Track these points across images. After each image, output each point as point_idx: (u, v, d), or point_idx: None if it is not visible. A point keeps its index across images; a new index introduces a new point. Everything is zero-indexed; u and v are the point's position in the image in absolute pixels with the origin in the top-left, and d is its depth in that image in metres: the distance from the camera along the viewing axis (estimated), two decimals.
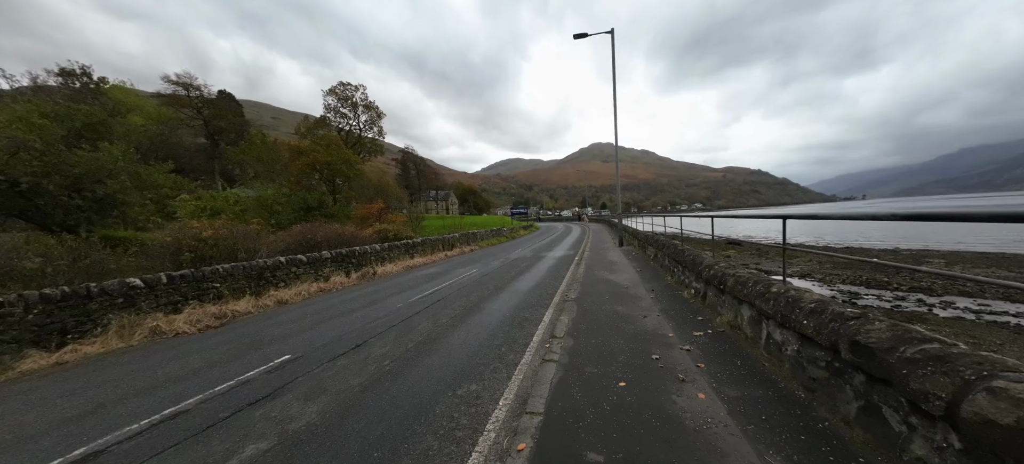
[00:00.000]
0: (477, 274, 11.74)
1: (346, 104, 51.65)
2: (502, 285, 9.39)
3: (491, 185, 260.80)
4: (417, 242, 17.51)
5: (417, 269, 14.14)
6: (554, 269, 11.62)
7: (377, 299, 8.92)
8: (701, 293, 5.79)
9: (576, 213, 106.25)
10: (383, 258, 14.71)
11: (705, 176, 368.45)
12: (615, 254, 13.39)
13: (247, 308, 8.65)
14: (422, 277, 11.96)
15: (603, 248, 16.12)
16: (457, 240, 21.26)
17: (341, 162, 35.09)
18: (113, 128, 21.09)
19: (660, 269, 9.17)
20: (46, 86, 27.53)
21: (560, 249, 18.30)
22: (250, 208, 22.69)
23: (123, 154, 18.20)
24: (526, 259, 14.69)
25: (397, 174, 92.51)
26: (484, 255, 17.68)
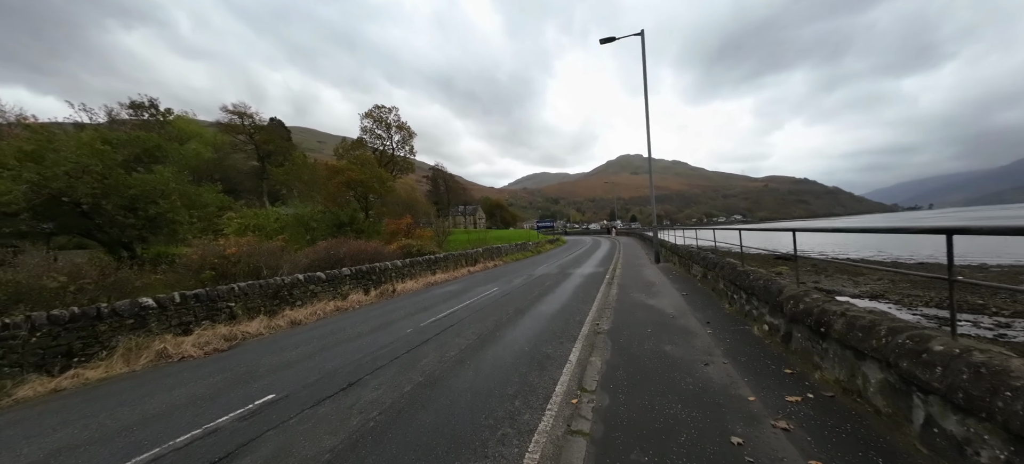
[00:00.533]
0: (498, 293, 10.75)
1: (380, 125, 53.66)
2: (523, 308, 8.32)
3: (517, 199, 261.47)
4: (439, 258, 16.90)
5: (437, 286, 13.40)
6: (582, 289, 10.38)
7: (389, 321, 8.17)
8: (780, 332, 4.41)
9: (605, 226, 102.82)
10: (404, 275, 14.15)
11: (744, 186, 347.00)
12: (652, 272, 11.90)
13: (258, 329, 8.20)
14: (440, 296, 11.15)
15: (637, 265, 14.59)
16: (480, 255, 20.48)
17: (373, 179, 36.01)
18: (168, 152, 22.69)
19: (713, 294, 7.70)
20: (120, 119, 30.53)
21: (588, 265, 16.92)
22: (289, 225, 23.30)
23: (173, 176, 19.34)
24: (551, 277, 13.52)
25: (428, 190, 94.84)
26: (508, 271, 16.70)
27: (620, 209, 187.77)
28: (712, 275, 7.76)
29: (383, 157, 54.65)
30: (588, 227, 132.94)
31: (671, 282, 9.62)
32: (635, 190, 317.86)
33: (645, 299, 7.78)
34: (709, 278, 8.09)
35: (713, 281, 7.77)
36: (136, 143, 20.79)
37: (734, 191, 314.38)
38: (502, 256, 23.34)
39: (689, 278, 9.90)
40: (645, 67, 14.99)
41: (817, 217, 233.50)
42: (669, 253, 14.44)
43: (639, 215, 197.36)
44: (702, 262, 8.58)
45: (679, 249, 11.90)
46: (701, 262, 8.70)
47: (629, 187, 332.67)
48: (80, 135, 18.61)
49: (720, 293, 7.17)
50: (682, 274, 10.76)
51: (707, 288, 8.17)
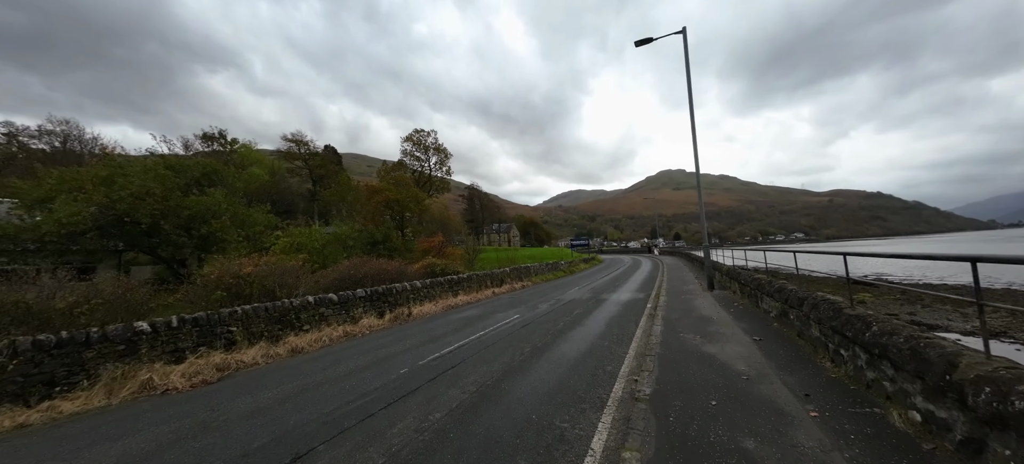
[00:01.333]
0: (517, 322, 9.30)
1: (419, 148, 55.52)
2: (542, 346, 6.79)
3: (553, 217, 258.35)
4: (462, 278, 15.83)
5: (456, 311, 12.23)
6: (617, 321, 8.59)
7: (389, 355, 7.06)
8: (954, 433, 2.54)
9: (645, 244, 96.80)
10: (424, 296, 13.20)
11: (805, 201, 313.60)
12: (706, 303, 9.76)
13: (255, 358, 7.49)
14: (455, 323, 9.93)
15: (685, 292, 12.36)
16: (507, 276, 19.15)
17: (408, 199, 36.65)
18: (224, 176, 24.45)
19: (799, 341, 5.63)
20: (193, 148, 34.07)
21: (626, 290, 14.87)
22: (329, 243, 23.77)
23: (224, 197, 20.54)
24: (581, 303, 11.78)
25: (464, 209, 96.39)
26: (535, 294, 15.15)
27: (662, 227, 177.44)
28: (797, 315, 5.73)
29: (421, 178, 56.28)
30: (627, 245, 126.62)
31: (734, 319, 7.55)
32: (678, 207, 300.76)
33: (701, 344, 5.91)
34: (791, 319, 6.03)
35: (798, 323, 5.72)
36: (195, 168, 22.56)
37: (793, 207, 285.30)
38: (531, 276, 21.82)
39: (758, 314, 7.74)
40: (688, 68, 13.19)
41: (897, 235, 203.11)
42: (726, 278, 12.08)
43: (683, 233, 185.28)
44: (780, 296, 6.51)
45: (741, 275, 9.67)
46: (778, 296, 6.62)
47: (671, 203, 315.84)
48: (145, 161, 20.58)
49: (812, 342, 5.15)
50: (746, 307, 8.56)
51: (789, 332, 6.09)
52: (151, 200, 17.19)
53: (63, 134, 34.26)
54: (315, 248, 22.56)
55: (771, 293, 6.91)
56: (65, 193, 16.50)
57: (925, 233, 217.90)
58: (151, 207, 17.22)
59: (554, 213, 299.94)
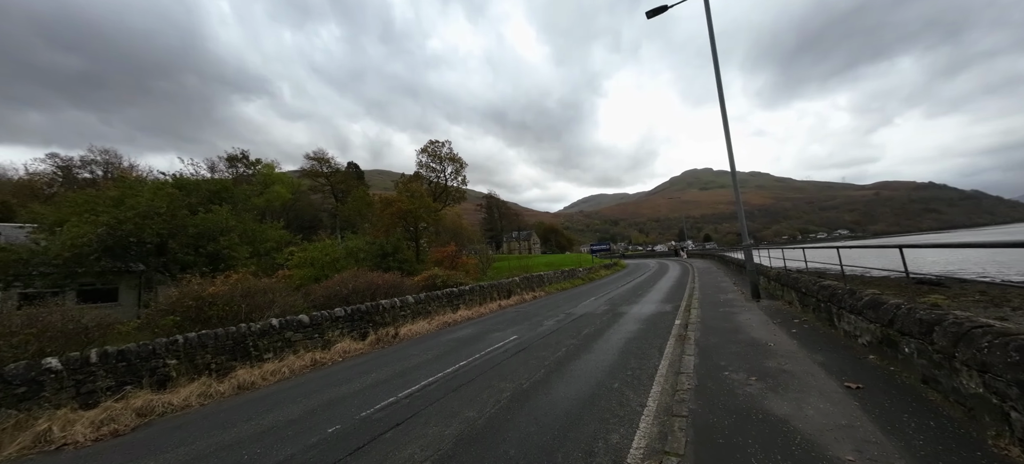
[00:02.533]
0: (512, 347, 7.50)
1: (435, 159, 55.27)
2: (529, 387, 4.96)
3: (574, 222, 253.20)
4: (465, 290, 14.21)
5: (449, 330, 10.59)
6: (635, 347, 6.58)
7: (337, 398, 5.52)
8: None
9: (673, 247, 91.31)
10: (417, 313, 11.69)
11: (847, 196, 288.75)
12: (754, 319, 7.52)
13: (188, 399, 6.16)
14: (441, 347, 8.28)
15: (724, 303, 10.05)
16: (516, 286, 17.34)
17: (421, 209, 35.88)
18: (236, 194, 24.47)
19: (928, 393, 3.50)
20: (220, 172, 35.06)
21: (649, 300, 12.65)
22: (341, 257, 23.03)
23: (228, 214, 20.26)
24: (594, 319, 9.78)
25: (483, 218, 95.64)
26: (544, 307, 13.25)
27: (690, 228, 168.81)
28: (919, 348, 3.57)
29: (437, 188, 55.89)
30: (653, 249, 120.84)
31: (800, 346, 5.36)
32: (707, 207, 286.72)
33: (761, 394, 3.86)
34: (907, 353, 3.85)
35: (922, 362, 3.57)
36: (206, 187, 22.61)
37: (834, 202, 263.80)
38: (544, 286, 19.87)
39: (835, 339, 5.49)
40: (713, 37, 11.08)
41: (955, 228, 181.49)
42: (777, 285, 9.66)
43: (713, 234, 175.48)
44: (877, 314, 4.31)
45: (800, 281, 7.33)
46: (873, 314, 4.42)
47: (699, 204, 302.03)
48: (155, 181, 20.80)
49: (963, 400, 3.02)
50: (814, 327, 6.27)
51: (904, 375, 3.91)
52: (157, 219, 16.99)
53: (105, 162, 36.52)
54: (326, 262, 21.83)
55: (858, 308, 4.72)
56: (77, 215, 16.58)
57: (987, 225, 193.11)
58: (157, 226, 17.00)
59: (575, 219, 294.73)
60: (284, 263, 25.07)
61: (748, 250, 10.04)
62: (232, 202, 23.74)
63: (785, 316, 7.20)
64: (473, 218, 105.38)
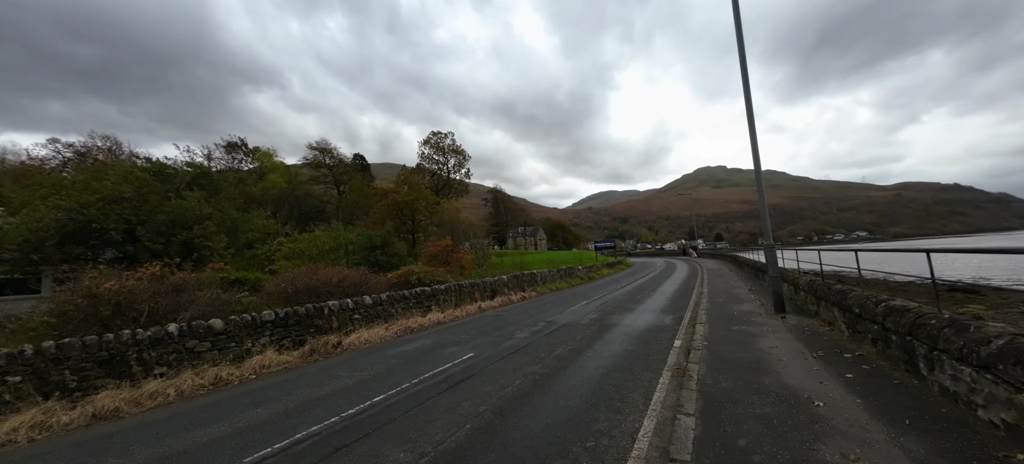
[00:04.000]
0: (457, 372, 5.69)
1: (437, 151, 53.70)
2: (445, 451, 3.13)
3: (583, 219, 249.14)
4: (440, 290, 12.46)
5: (406, 339, 8.86)
6: (616, 380, 4.67)
7: (190, 448, 3.79)
8: None
9: (682, 246, 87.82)
10: (374, 316, 9.99)
11: (867, 196, 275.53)
12: (782, 349, 5.49)
13: (13, 433, 4.58)
14: (379, 365, 6.54)
15: (739, 318, 8.00)
16: (504, 285, 15.51)
17: (418, 201, 34.32)
18: (216, 180, 23.20)
19: None
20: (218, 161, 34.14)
21: (647, 309, 10.65)
22: (329, 249, 21.59)
23: (201, 200, 18.96)
24: (575, 331, 7.86)
25: (489, 213, 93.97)
26: (526, 312, 11.40)
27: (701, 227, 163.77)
28: None
29: (439, 181, 54.36)
30: (662, 247, 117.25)
31: (869, 411, 3.35)
32: (719, 206, 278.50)
33: None
34: None
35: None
36: (181, 174, 21.34)
37: (853, 203, 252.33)
38: (535, 285, 17.98)
39: (924, 397, 3.48)
40: (739, 20, 8.89)
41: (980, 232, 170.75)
42: (807, 297, 7.54)
43: (725, 233, 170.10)
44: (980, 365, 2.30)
45: (851, 298, 5.21)
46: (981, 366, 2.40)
47: (711, 203, 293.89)
48: (123, 164, 19.68)
49: None
50: (876, 366, 4.21)
51: None
52: (123, 205, 15.77)
53: (106, 149, 36.08)
54: (314, 254, 20.41)
55: (983, 359, 2.69)
56: (42, 199, 15.47)
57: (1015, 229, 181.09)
58: (122, 212, 15.80)
59: (584, 215, 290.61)
60: (271, 255, 23.90)
61: (771, 252, 7.93)
62: (213, 189, 22.54)
63: (828, 346, 5.14)
64: (478, 213, 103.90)
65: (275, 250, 22.66)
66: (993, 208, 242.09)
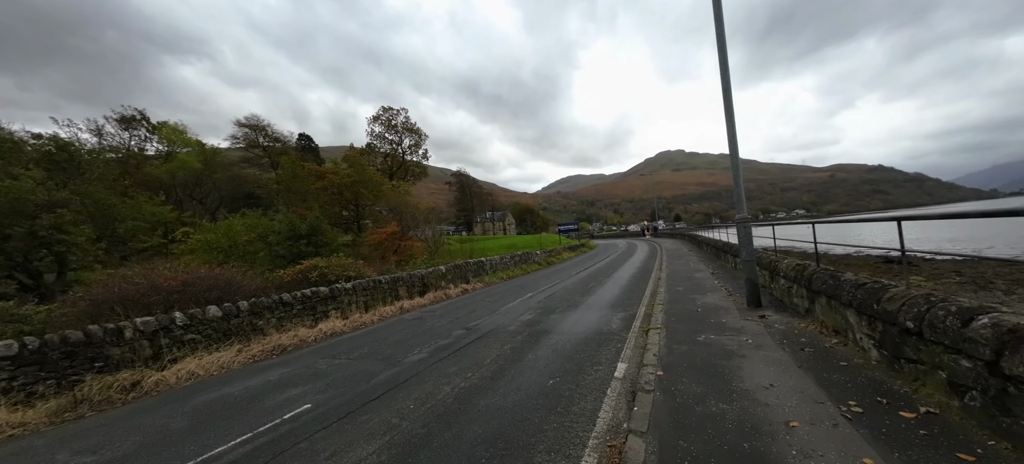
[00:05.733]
0: (266, 438, 3.10)
1: (390, 129, 48.97)
2: None
3: (552, 203, 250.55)
4: (343, 290, 9.66)
5: (261, 366, 6.14)
6: (547, 404, 2.40)
7: None
8: None
9: (643, 227, 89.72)
10: (230, 333, 7.11)
11: (806, 178, 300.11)
12: (781, 383, 3.47)
13: None
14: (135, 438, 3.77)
15: (704, 314, 6.08)
16: (441, 277, 12.97)
17: (360, 185, 30.42)
18: (82, 161, 18.27)
19: None
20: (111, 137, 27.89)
21: (595, 305, 8.62)
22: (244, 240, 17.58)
23: (42, 182, 14.41)
24: (498, 343, 5.55)
25: (455, 197, 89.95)
26: (457, 310, 8.98)
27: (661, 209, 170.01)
28: None
29: (394, 162, 49.89)
30: (627, 229, 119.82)
31: None
32: (678, 188, 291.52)
33: None
34: None
35: None
36: (24, 152, 16.35)
37: (794, 184, 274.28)
38: (482, 275, 15.63)
39: None
40: None
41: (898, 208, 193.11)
42: (797, 289, 5.70)
43: (683, 214, 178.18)
44: None
45: (884, 298, 3.24)
46: None
47: (671, 185, 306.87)
48: None
49: None
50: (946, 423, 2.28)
51: None
52: None
53: None
54: (226, 247, 16.52)
55: None
56: None
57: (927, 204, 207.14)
58: None
59: (553, 200, 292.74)
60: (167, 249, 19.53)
61: (745, 228, 6.00)
62: (75, 169, 17.65)
63: (859, 385, 3.10)
64: (443, 198, 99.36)
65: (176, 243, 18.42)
66: (910, 187, 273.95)
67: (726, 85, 6.19)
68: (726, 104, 6.21)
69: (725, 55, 6.20)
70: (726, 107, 6.20)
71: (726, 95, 6.22)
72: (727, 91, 6.22)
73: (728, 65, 6.21)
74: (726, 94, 6.22)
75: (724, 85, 6.23)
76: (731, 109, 6.17)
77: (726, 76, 6.20)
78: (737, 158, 6.17)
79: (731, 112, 6.17)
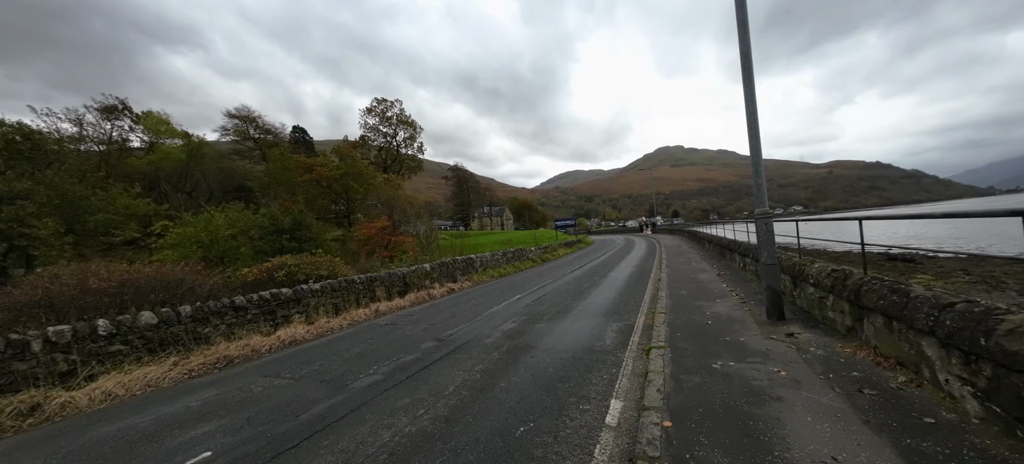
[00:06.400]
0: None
1: (384, 121, 47.68)
2: None
3: (550, 199, 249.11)
4: (309, 291, 8.65)
5: (184, 389, 5.15)
6: None
7: None
8: None
9: (642, 222, 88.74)
10: (167, 342, 6.12)
11: (804, 174, 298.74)
12: (803, 388, 2.55)
13: None
14: None
15: (716, 328, 5.12)
16: (425, 276, 11.96)
17: (349, 177, 29.28)
18: (49, 146, 17.11)
19: None
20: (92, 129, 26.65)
21: (590, 308, 7.65)
22: (225, 235, 16.58)
23: None
24: (470, 362, 4.57)
25: (453, 192, 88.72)
26: (436, 314, 8.00)
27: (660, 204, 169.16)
28: None
29: (388, 155, 48.66)
30: (625, 225, 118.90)
31: None
32: (676, 184, 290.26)
33: None
34: None
35: None
36: None
37: (792, 180, 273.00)
38: (471, 273, 14.64)
39: None
40: None
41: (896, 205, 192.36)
42: (826, 300, 4.72)
43: (681, 210, 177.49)
44: None
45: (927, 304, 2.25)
46: None
47: (671, 180, 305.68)
48: None
49: None
50: None
51: None
52: None
53: None
54: (206, 241, 15.52)
55: None
56: None
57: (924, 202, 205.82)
58: None
59: (551, 195, 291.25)
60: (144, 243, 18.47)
61: (765, 225, 4.99)
62: (42, 160, 16.53)
63: (953, 445, 2.13)
64: (440, 192, 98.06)
65: (155, 237, 17.37)
66: (907, 183, 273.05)
67: (746, 52, 5.14)
68: (746, 85, 5.17)
69: (746, 29, 5.15)
70: (746, 89, 5.16)
71: (746, 67, 5.18)
72: (747, 59, 5.18)
73: (749, 41, 5.16)
74: (746, 65, 5.18)
75: (744, 60, 5.19)
76: (752, 90, 5.14)
77: (747, 47, 5.16)
78: (758, 142, 5.15)
79: (752, 92, 5.14)
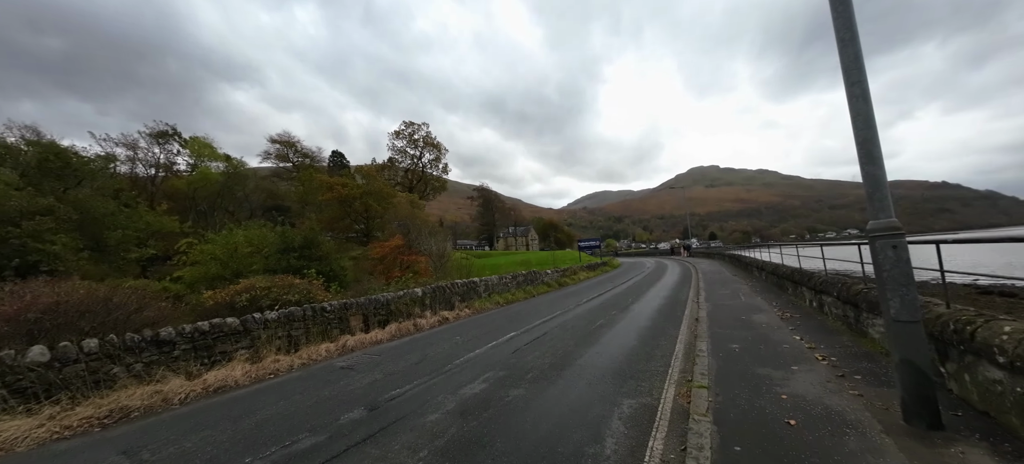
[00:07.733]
0: None
1: (411, 143, 48.62)
2: None
3: (578, 219, 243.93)
4: (260, 322, 7.28)
5: (62, 447, 3.70)
6: None
7: None
8: None
9: (674, 245, 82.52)
10: (56, 388, 4.87)
11: (858, 194, 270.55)
12: None
13: None
14: None
15: (796, 403, 2.92)
16: (415, 303, 10.34)
17: (369, 196, 29.17)
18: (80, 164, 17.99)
19: None
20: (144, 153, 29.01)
21: (603, 352, 5.51)
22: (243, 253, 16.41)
23: (11, 184, 13.77)
24: (416, 436, 2.74)
25: (478, 212, 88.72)
26: (414, 349, 6.28)
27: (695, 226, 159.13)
28: None
29: (414, 176, 49.24)
30: (656, 247, 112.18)
31: None
32: (713, 204, 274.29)
33: None
34: None
35: None
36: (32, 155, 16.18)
37: (844, 201, 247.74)
38: (473, 300, 12.85)
39: None
40: None
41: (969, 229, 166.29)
42: None
43: (719, 232, 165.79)
44: None
45: None
46: None
47: (705, 201, 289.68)
48: None
49: None
50: None
51: None
52: None
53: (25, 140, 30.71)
54: (223, 259, 15.30)
55: None
56: None
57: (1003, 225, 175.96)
58: None
59: (579, 215, 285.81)
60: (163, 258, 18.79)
61: (895, 251, 2.78)
62: (72, 176, 17.37)
63: None
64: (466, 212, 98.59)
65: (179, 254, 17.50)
66: (981, 205, 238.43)
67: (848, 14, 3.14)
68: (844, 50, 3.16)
69: None
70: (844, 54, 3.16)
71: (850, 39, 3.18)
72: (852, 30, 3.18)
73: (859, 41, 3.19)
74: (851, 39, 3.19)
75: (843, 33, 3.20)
76: (861, 61, 3.12)
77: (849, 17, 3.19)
78: (874, 130, 3.05)
79: (857, 49, 3.12)
